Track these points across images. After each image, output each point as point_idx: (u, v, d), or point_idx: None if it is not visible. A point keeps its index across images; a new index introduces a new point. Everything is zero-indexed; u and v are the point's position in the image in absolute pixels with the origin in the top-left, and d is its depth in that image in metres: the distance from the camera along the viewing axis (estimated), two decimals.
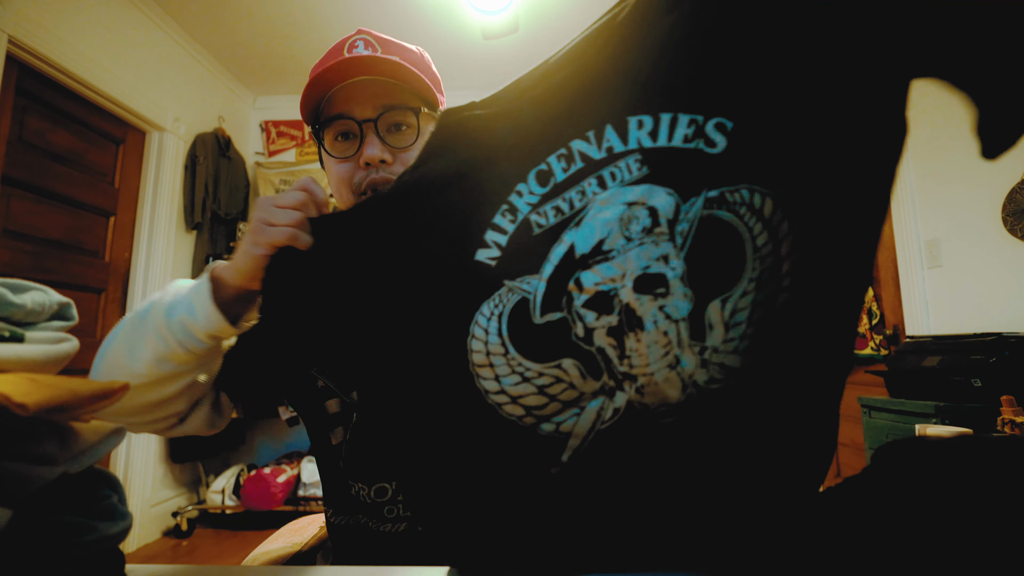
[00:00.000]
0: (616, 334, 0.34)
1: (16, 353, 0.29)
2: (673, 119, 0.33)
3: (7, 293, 0.30)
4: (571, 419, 0.35)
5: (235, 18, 2.51)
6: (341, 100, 0.60)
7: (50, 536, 0.27)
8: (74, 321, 0.34)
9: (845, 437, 2.55)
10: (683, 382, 0.34)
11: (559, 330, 0.35)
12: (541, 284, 0.35)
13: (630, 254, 0.34)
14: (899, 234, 2.11)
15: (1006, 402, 1.21)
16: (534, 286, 0.35)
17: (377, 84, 0.60)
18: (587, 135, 0.35)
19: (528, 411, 0.35)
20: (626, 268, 0.34)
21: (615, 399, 0.35)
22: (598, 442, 0.34)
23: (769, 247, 0.33)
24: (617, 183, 0.34)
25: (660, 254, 0.34)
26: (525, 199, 0.36)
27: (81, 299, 2.17)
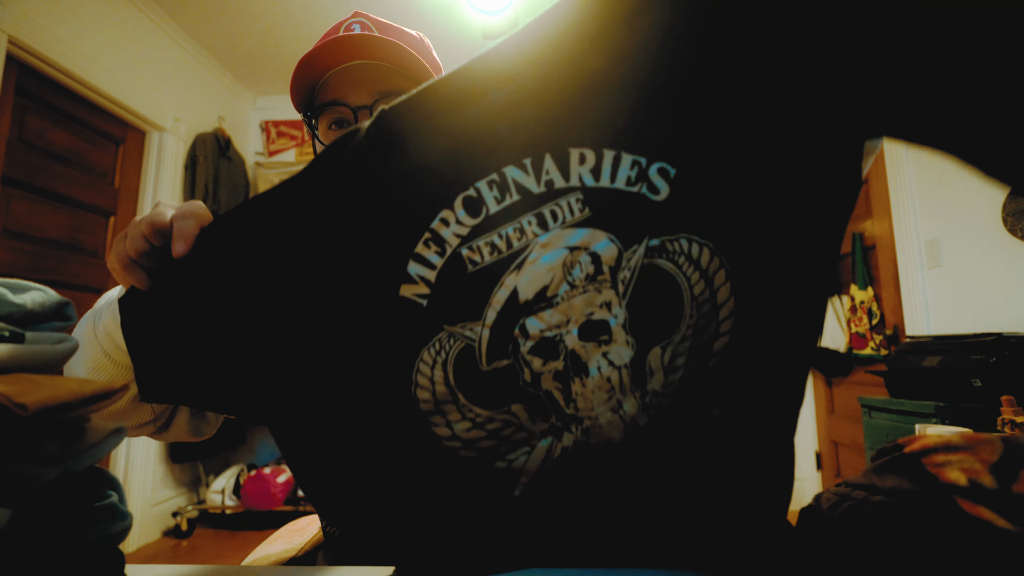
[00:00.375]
0: (562, 379, 0.35)
1: (16, 353, 0.29)
2: (616, 157, 0.32)
3: (7, 293, 0.30)
4: (522, 457, 0.35)
5: (235, 18, 2.51)
6: (336, 85, 0.57)
7: (50, 536, 0.27)
8: (74, 321, 0.34)
9: (845, 437, 2.55)
10: (625, 424, 0.35)
11: (507, 376, 0.34)
12: (485, 331, 0.34)
13: (574, 301, 0.34)
14: (899, 234, 2.11)
15: (1006, 402, 1.21)
16: (478, 333, 0.34)
17: (374, 68, 0.56)
18: (523, 163, 0.33)
19: (480, 452, 0.35)
20: (570, 315, 0.34)
21: (563, 439, 0.35)
22: (548, 478, 0.35)
23: (706, 295, 0.34)
24: (558, 224, 0.33)
25: (603, 301, 0.34)
26: (453, 229, 0.33)
27: (81, 299, 2.17)
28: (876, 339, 2.22)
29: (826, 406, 2.69)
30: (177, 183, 2.61)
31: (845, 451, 2.57)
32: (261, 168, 3.17)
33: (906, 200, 2.08)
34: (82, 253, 2.19)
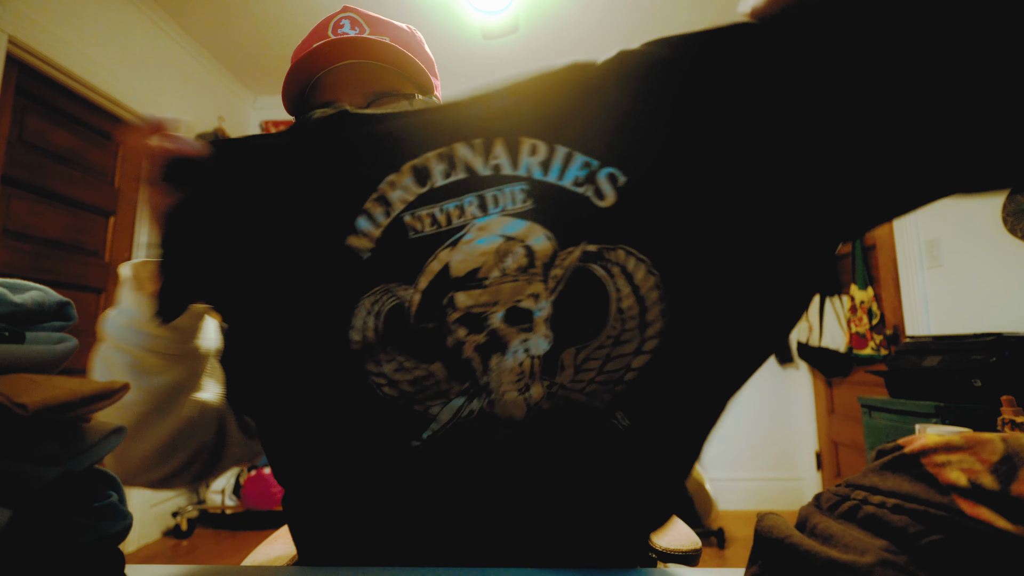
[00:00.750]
0: (482, 351, 0.36)
1: (16, 353, 0.29)
2: (568, 155, 0.33)
3: (7, 293, 0.30)
4: (436, 408, 0.37)
5: (235, 18, 2.51)
6: (328, 86, 0.56)
7: (50, 536, 0.27)
8: (74, 321, 0.34)
9: (845, 437, 2.55)
10: (528, 406, 0.37)
11: (433, 336, 0.37)
12: (416, 295, 0.36)
13: (503, 286, 0.35)
14: (899, 234, 2.11)
15: (1006, 402, 1.21)
16: (409, 295, 0.36)
17: (366, 68, 0.55)
18: (473, 142, 0.34)
19: (401, 394, 0.37)
20: (498, 298, 0.35)
21: (472, 403, 0.37)
22: (454, 432, 0.37)
23: (634, 311, 0.35)
24: (498, 210, 0.34)
25: (531, 292, 0.35)
26: (398, 194, 0.35)
27: (81, 299, 2.17)
28: (876, 339, 2.22)
29: (826, 406, 2.69)
30: None
31: (845, 451, 2.57)
32: None
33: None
34: (82, 253, 2.18)
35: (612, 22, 2.56)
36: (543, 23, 2.56)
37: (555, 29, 2.61)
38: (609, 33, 2.64)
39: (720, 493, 2.70)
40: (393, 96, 0.55)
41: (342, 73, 0.55)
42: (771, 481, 2.80)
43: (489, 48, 2.76)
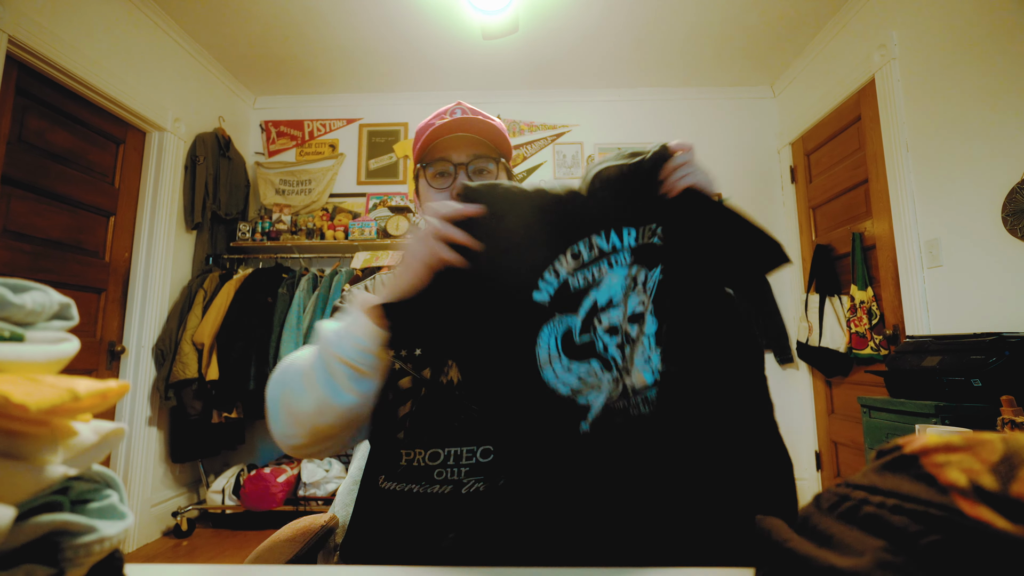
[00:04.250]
0: (621, 347, 0.59)
1: (16, 353, 0.29)
2: (641, 229, 0.61)
3: (7, 293, 0.30)
4: (593, 395, 0.57)
5: (235, 18, 2.51)
6: (443, 147, 0.82)
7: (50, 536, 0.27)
8: (75, 321, 0.34)
9: (845, 437, 2.55)
10: (652, 371, 0.58)
11: (590, 346, 0.59)
12: (578, 320, 0.59)
13: (628, 302, 0.59)
14: (899, 234, 2.11)
15: (1006, 402, 1.21)
16: (575, 322, 0.60)
17: (470, 139, 0.82)
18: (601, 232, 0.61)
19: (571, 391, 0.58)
20: (624, 311, 0.59)
21: (618, 386, 0.57)
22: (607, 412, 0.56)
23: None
24: (618, 266, 0.60)
25: (639, 300, 0.59)
26: (564, 268, 0.61)
27: (81, 299, 2.17)
28: (876, 339, 2.22)
29: (826, 406, 2.69)
30: (177, 183, 2.61)
31: (845, 451, 2.57)
32: (261, 168, 3.17)
33: (906, 200, 2.08)
34: (82, 253, 2.19)
35: (612, 22, 2.56)
36: (543, 23, 2.56)
37: (555, 29, 2.61)
38: (609, 33, 2.64)
39: None
40: (484, 158, 0.83)
41: (454, 140, 0.82)
42: None
43: (489, 48, 2.76)
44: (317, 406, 0.61)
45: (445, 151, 0.82)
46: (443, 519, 0.67)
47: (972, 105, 1.80)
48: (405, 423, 0.73)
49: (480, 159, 0.82)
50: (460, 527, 0.66)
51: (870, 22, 2.32)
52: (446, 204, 0.60)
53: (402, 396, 0.74)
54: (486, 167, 0.83)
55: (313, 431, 0.63)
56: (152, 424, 2.43)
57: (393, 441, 0.73)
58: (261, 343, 2.54)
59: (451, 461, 0.69)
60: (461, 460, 0.69)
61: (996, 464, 0.21)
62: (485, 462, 0.69)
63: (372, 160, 3.23)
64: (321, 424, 0.63)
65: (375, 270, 2.71)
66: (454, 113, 0.84)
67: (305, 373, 0.63)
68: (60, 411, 0.27)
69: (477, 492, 0.67)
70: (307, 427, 0.63)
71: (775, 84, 3.12)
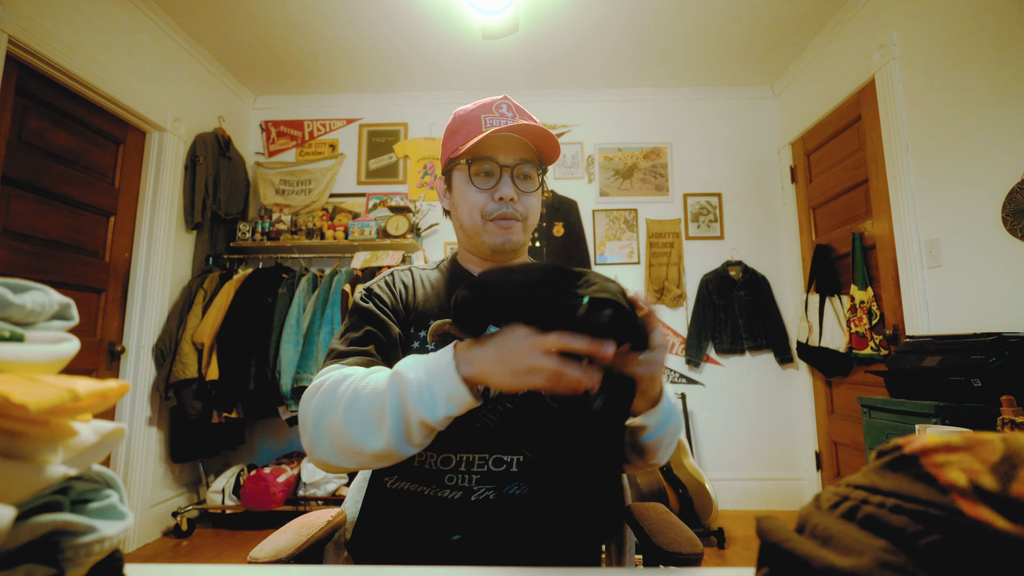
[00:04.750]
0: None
1: (16, 353, 0.29)
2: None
3: (7, 293, 0.30)
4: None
5: (235, 18, 2.51)
6: (491, 146, 0.78)
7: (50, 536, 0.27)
8: (75, 321, 0.34)
9: (845, 437, 2.55)
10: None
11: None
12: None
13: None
14: (899, 234, 2.11)
15: (1006, 402, 1.21)
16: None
17: (519, 141, 0.79)
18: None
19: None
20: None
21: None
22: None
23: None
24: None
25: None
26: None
27: (81, 299, 2.17)
28: (876, 339, 2.22)
29: (826, 406, 2.70)
30: (177, 183, 2.61)
31: (845, 451, 2.57)
32: (261, 168, 3.17)
33: (906, 200, 2.08)
34: (82, 253, 2.19)
35: (612, 22, 2.56)
36: (543, 23, 2.56)
37: (555, 29, 2.61)
38: (609, 34, 2.64)
39: (720, 493, 2.70)
40: (530, 163, 0.80)
41: (503, 139, 0.79)
42: (771, 481, 2.80)
43: (489, 48, 2.76)
44: (382, 451, 0.57)
45: (493, 151, 0.78)
46: (450, 523, 0.68)
47: (972, 105, 1.80)
48: None
49: (525, 163, 0.79)
50: (466, 531, 0.67)
51: (870, 22, 2.32)
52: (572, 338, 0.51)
53: None
54: (531, 173, 0.80)
55: (361, 464, 0.61)
56: (152, 424, 2.43)
57: None
58: (261, 343, 2.54)
59: (463, 467, 0.70)
60: (473, 467, 0.69)
61: (996, 464, 0.21)
62: (497, 471, 0.69)
63: (372, 160, 3.23)
64: (377, 464, 0.60)
65: (375, 270, 2.71)
66: (500, 108, 0.80)
67: (372, 415, 0.58)
68: (60, 411, 0.27)
69: (486, 500, 0.68)
70: (358, 461, 0.59)
71: (775, 84, 3.12)
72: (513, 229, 0.79)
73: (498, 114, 0.79)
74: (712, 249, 3.04)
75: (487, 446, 0.70)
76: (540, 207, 0.84)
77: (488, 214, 0.78)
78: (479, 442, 0.70)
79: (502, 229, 0.79)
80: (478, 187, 0.79)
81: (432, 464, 0.70)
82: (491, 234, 0.79)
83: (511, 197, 0.77)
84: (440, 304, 0.80)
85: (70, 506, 0.29)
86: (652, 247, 3.05)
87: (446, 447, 0.70)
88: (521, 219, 0.80)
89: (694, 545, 0.66)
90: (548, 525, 0.69)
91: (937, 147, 1.95)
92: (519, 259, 0.85)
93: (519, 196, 0.78)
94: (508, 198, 0.77)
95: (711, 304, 2.94)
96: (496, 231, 0.79)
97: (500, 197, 0.77)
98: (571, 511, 0.71)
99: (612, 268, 3.06)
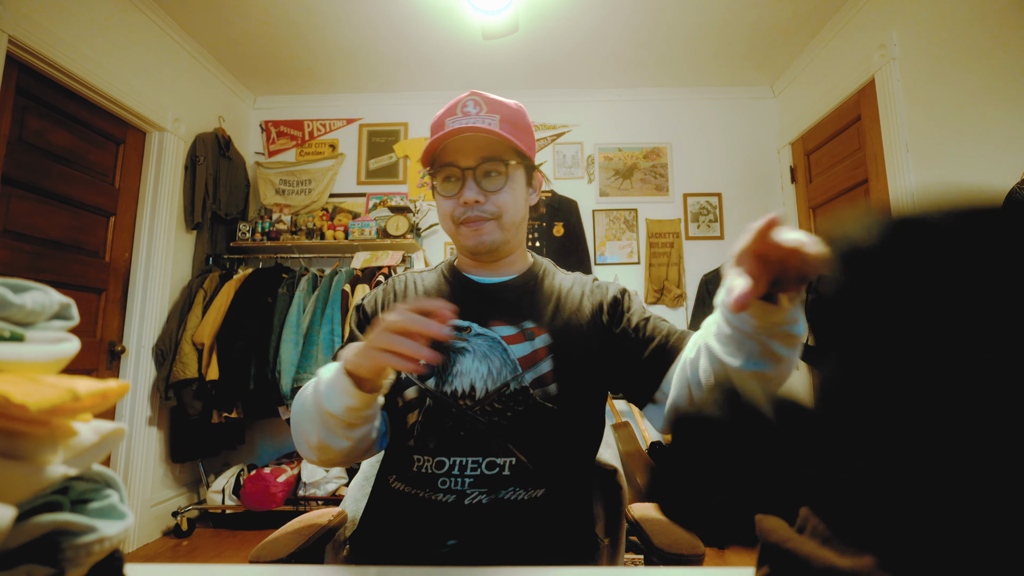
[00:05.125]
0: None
1: (16, 353, 0.29)
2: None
3: (7, 293, 0.30)
4: None
5: (235, 18, 2.51)
6: (450, 150, 0.78)
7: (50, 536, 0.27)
8: (75, 321, 0.34)
9: None
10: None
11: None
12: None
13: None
14: None
15: None
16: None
17: (479, 139, 0.76)
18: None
19: None
20: None
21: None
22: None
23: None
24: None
25: None
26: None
27: (81, 299, 2.17)
28: None
29: None
30: (177, 183, 2.61)
31: None
32: (261, 168, 3.17)
33: (906, 200, 2.07)
34: (82, 253, 2.19)
35: (612, 22, 2.56)
36: (543, 23, 2.56)
37: (555, 29, 2.61)
38: (609, 34, 2.64)
39: None
40: (493, 160, 0.77)
41: (462, 141, 0.77)
42: None
43: (489, 48, 2.76)
44: (320, 443, 0.67)
45: (453, 155, 0.77)
46: (445, 527, 0.68)
47: (972, 105, 1.80)
48: (414, 431, 0.74)
49: (489, 161, 0.76)
50: (460, 536, 0.68)
51: (870, 22, 2.32)
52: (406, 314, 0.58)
53: (409, 405, 0.75)
54: (494, 169, 0.77)
55: (323, 459, 0.70)
56: (152, 424, 2.43)
57: (405, 446, 0.75)
58: (261, 343, 2.54)
59: (456, 471, 0.70)
60: (466, 470, 0.70)
61: None
62: (490, 474, 0.69)
63: (372, 160, 3.23)
64: (328, 456, 0.69)
65: (375, 270, 2.71)
66: (466, 106, 0.78)
67: (308, 413, 0.67)
68: (60, 411, 0.27)
69: (479, 504, 0.68)
70: (317, 455, 0.69)
71: (775, 84, 3.12)
72: (484, 229, 0.77)
73: (462, 113, 0.77)
74: (712, 249, 3.04)
75: (479, 449, 0.70)
76: (524, 199, 0.82)
77: (457, 218, 0.78)
78: (471, 445, 0.70)
79: (473, 232, 0.78)
80: (444, 195, 0.78)
81: (427, 468, 0.71)
82: (464, 237, 0.79)
83: (474, 200, 0.75)
84: None
85: (70, 506, 0.29)
86: (652, 247, 3.05)
87: (440, 451, 0.71)
88: (494, 217, 0.78)
89: (694, 547, 0.66)
90: (544, 529, 0.69)
91: (937, 147, 1.95)
92: (510, 256, 0.84)
93: (486, 197, 0.76)
94: (472, 201, 0.76)
95: (711, 304, 2.94)
96: (468, 234, 0.78)
97: (464, 201, 0.76)
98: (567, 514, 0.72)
99: (612, 268, 3.06)
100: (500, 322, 0.77)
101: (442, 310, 0.57)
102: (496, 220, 0.78)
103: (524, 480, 0.70)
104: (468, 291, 0.83)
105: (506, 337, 0.75)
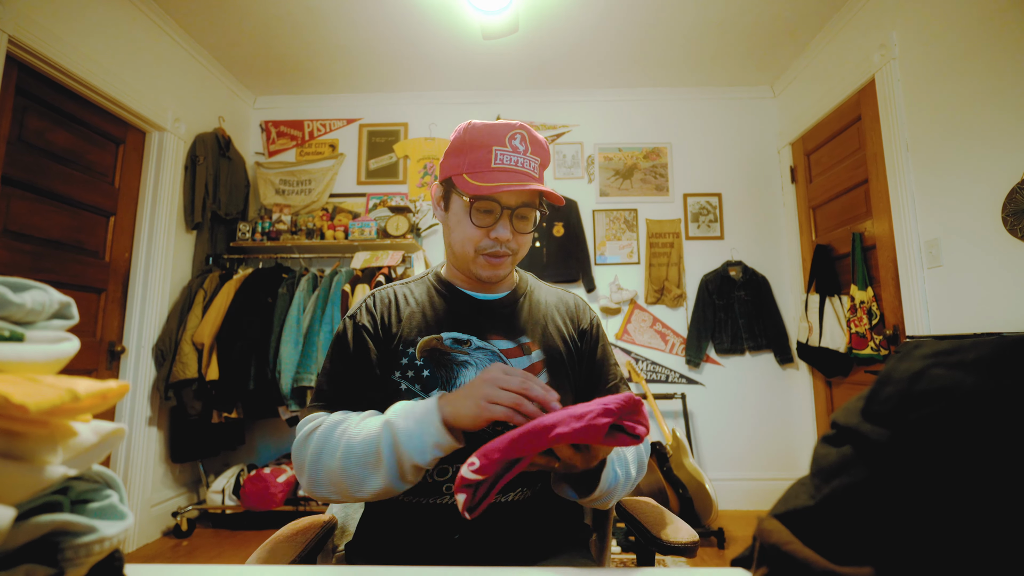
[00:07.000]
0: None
1: (16, 353, 0.29)
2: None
3: (7, 292, 0.30)
4: None
5: (235, 18, 2.51)
6: (501, 195, 0.78)
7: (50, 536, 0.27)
8: (75, 320, 0.34)
9: None
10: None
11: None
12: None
13: None
14: (899, 234, 2.11)
15: None
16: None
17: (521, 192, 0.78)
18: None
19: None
20: None
21: None
22: None
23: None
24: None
25: None
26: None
27: (81, 299, 2.17)
28: (876, 339, 2.22)
29: (826, 406, 2.69)
30: (177, 183, 2.61)
31: None
32: (261, 168, 3.17)
33: (906, 200, 2.08)
34: (82, 253, 2.18)
35: (612, 22, 2.56)
36: (543, 23, 2.56)
37: (555, 29, 2.61)
38: (609, 33, 2.64)
39: (720, 493, 2.70)
40: (530, 206, 0.80)
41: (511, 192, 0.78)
42: (771, 481, 2.80)
43: (489, 48, 2.76)
44: (381, 490, 0.66)
45: (500, 193, 0.78)
46: (449, 525, 0.73)
47: (972, 105, 1.80)
48: None
49: (526, 206, 0.79)
50: (464, 532, 0.72)
51: (870, 22, 2.32)
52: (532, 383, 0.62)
53: None
54: (528, 215, 0.81)
55: (360, 499, 0.68)
56: (152, 424, 2.43)
57: None
58: (261, 343, 2.54)
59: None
60: None
61: None
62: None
63: (372, 160, 3.23)
64: (376, 499, 0.68)
65: (375, 270, 2.71)
66: (514, 138, 0.78)
67: (368, 460, 0.66)
68: (60, 411, 0.27)
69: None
70: (358, 497, 0.67)
71: (775, 84, 3.12)
72: (503, 265, 0.81)
73: (510, 147, 0.77)
74: (712, 249, 3.04)
75: None
76: (532, 238, 0.86)
77: (481, 249, 0.79)
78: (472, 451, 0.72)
79: (492, 266, 0.80)
80: (476, 224, 0.78)
81: (430, 476, 0.75)
82: (480, 267, 0.81)
83: (507, 239, 0.78)
84: (426, 318, 0.82)
85: (70, 506, 0.29)
86: (652, 247, 3.05)
87: (443, 459, 0.72)
88: (512, 254, 0.81)
89: (690, 535, 0.72)
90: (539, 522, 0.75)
91: (937, 147, 1.95)
92: (504, 283, 0.88)
93: (515, 237, 0.79)
94: (505, 240, 0.78)
95: (711, 304, 2.94)
96: (485, 265, 0.80)
97: (496, 237, 0.78)
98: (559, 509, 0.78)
99: (612, 268, 3.06)
100: (498, 336, 0.81)
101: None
102: (513, 256, 0.82)
103: (521, 481, 0.75)
104: (464, 305, 0.85)
105: (504, 351, 0.79)
